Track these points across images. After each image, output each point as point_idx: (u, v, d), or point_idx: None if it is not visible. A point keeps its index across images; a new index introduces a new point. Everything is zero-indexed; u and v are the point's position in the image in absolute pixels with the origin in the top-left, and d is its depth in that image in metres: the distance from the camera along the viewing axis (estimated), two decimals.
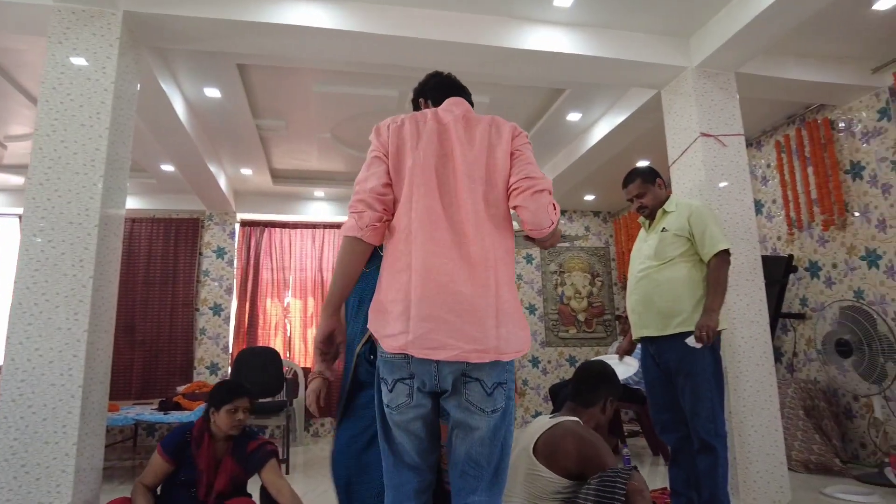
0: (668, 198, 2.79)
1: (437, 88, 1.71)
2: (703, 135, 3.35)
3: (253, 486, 2.54)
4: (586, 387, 2.07)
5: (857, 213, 3.95)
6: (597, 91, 4.21)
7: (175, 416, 4.01)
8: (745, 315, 3.16)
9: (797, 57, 3.70)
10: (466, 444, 1.38)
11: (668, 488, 2.79)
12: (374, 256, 1.61)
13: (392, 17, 3.11)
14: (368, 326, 1.44)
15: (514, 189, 1.45)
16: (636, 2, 3.15)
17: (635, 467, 1.74)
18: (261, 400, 4.43)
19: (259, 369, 4.82)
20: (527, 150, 1.52)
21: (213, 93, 4.01)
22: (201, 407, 4.13)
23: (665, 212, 2.74)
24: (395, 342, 1.35)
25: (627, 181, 2.83)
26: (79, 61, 2.71)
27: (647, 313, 2.68)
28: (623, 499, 1.64)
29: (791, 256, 4.22)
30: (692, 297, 2.58)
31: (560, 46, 3.30)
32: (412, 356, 1.34)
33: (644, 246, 2.79)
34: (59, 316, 2.46)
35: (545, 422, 1.95)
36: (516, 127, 1.56)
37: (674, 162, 3.53)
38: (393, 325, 1.36)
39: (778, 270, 4.20)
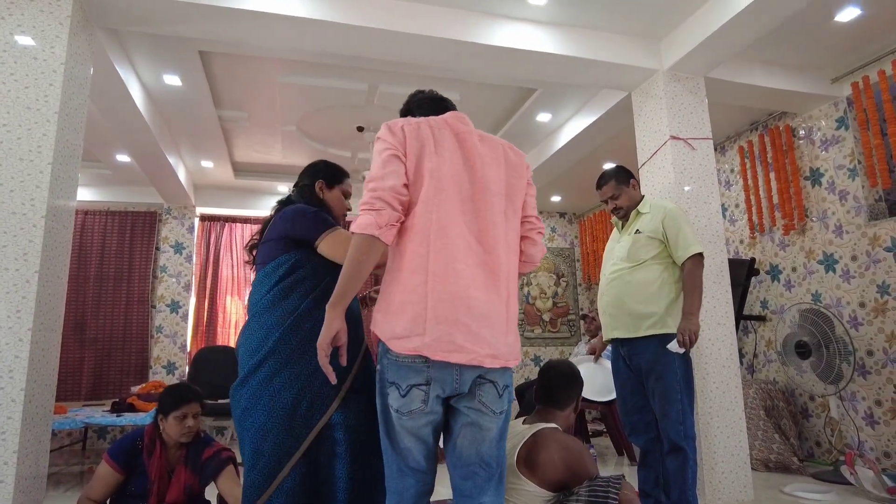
0: (641, 199, 2.79)
1: (426, 103, 1.67)
2: (673, 138, 3.38)
3: (211, 495, 2.41)
4: (559, 389, 2.01)
5: (815, 219, 4.06)
6: (567, 92, 4.20)
7: (128, 419, 3.81)
8: (711, 317, 3.20)
9: (762, 64, 3.77)
10: (477, 445, 1.38)
11: (637, 489, 2.80)
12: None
13: (364, 7, 3.02)
14: (374, 328, 1.38)
15: (526, 222, 1.56)
16: (610, 3, 3.15)
17: (623, 476, 1.71)
18: (220, 401, 4.26)
19: (219, 369, 4.64)
20: (533, 185, 1.61)
21: (172, 80, 3.82)
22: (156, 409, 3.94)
23: (639, 213, 2.74)
24: (408, 344, 1.33)
25: (601, 182, 2.81)
26: (24, 40, 2.52)
27: (618, 315, 2.67)
28: None
29: (753, 259, 4.31)
30: (664, 300, 2.58)
31: (533, 44, 3.27)
32: (431, 360, 1.33)
33: (617, 247, 2.77)
34: None
35: (522, 429, 1.87)
36: (524, 155, 1.63)
37: (643, 164, 3.55)
38: (405, 327, 1.33)
39: (740, 273, 4.28)
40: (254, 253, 1.87)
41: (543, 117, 4.56)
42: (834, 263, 3.91)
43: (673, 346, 2.45)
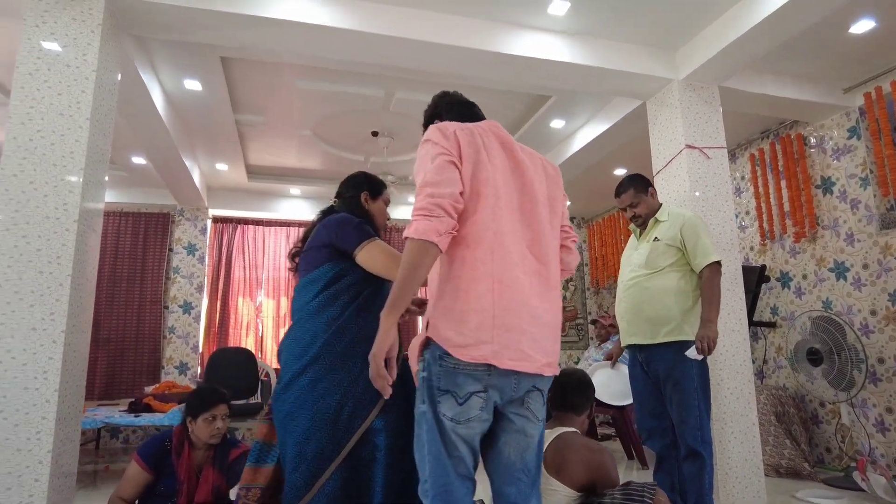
0: (660, 207, 2.84)
1: (454, 108, 1.66)
2: (689, 146, 3.42)
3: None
4: (575, 395, 2.07)
5: (826, 227, 4.10)
6: (581, 99, 4.25)
7: (147, 419, 3.86)
8: (725, 324, 3.24)
9: (774, 74, 3.82)
10: (522, 452, 1.41)
11: None
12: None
13: (386, 16, 3.07)
14: (432, 335, 1.36)
15: (562, 231, 1.59)
16: (627, 13, 3.19)
17: (656, 484, 1.76)
18: (234, 402, 4.30)
19: (233, 371, 4.69)
20: (566, 196, 1.65)
21: (193, 85, 3.88)
22: (175, 409, 3.99)
23: (657, 221, 2.78)
24: (475, 352, 1.32)
25: (620, 190, 2.86)
26: (57, 47, 2.57)
27: (636, 321, 2.71)
28: None
29: (764, 266, 4.35)
30: (682, 307, 2.62)
31: (552, 54, 3.32)
32: (494, 367, 1.33)
33: (635, 254, 2.82)
34: (33, 316, 2.32)
35: (545, 434, 1.95)
36: (559, 174, 1.65)
37: (658, 172, 3.59)
38: (470, 335, 1.33)
39: (751, 280, 4.32)
40: (296, 260, 1.92)
41: (557, 124, 4.61)
42: (845, 271, 3.95)
43: (692, 352, 2.50)
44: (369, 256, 1.73)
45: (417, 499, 1.43)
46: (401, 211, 6.61)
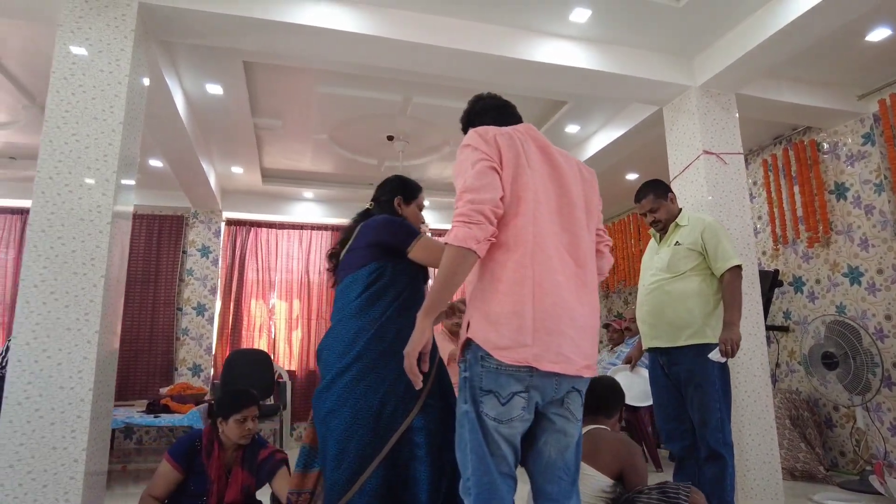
0: (679, 212, 2.88)
1: (490, 112, 1.68)
2: (706, 152, 3.46)
3: (259, 494, 2.49)
4: (606, 399, 2.16)
5: (840, 232, 4.14)
6: (597, 105, 4.30)
7: (167, 420, 3.89)
8: (742, 327, 3.22)
9: (790, 81, 3.86)
10: (562, 451, 1.44)
11: None
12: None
13: (411, 22, 3.11)
14: (473, 336, 1.38)
15: (597, 234, 1.61)
16: (646, 21, 3.24)
17: (691, 484, 1.81)
18: None
19: (250, 372, 4.72)
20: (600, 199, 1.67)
21: (215, 89, 3.93)
22: (194, 410, 4.02)
23: (678, 225, 2.82)
24: (516, 354, 1.35)
25: (640, 196, 2.90)
26: (92, 52, 2.62)
27: (658, 324, 2.74)
28: None
29: (777, 271, 4.38)
30: (703, 310, 2.66)
31: (572, 60, 3.36)
32: (536, 369, 1.36)
33: (656, 258, 2.85)
34: (68, 316, 2.37)
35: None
36: (595, 179, 1.67)
37: (675, 177, 3.63)
38: (511, 338, 1.36)
39: (763, 284, 4.35)
40: (333, 260, 1.96)
41: (571, 129, 4.65)
42: (859, 276, 3.98)
43: (714, 355, 2.53)
44: (425, 250, 1.79)
45: (457, 497, 1.47)
46: None
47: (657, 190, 2.87)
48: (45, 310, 2.35)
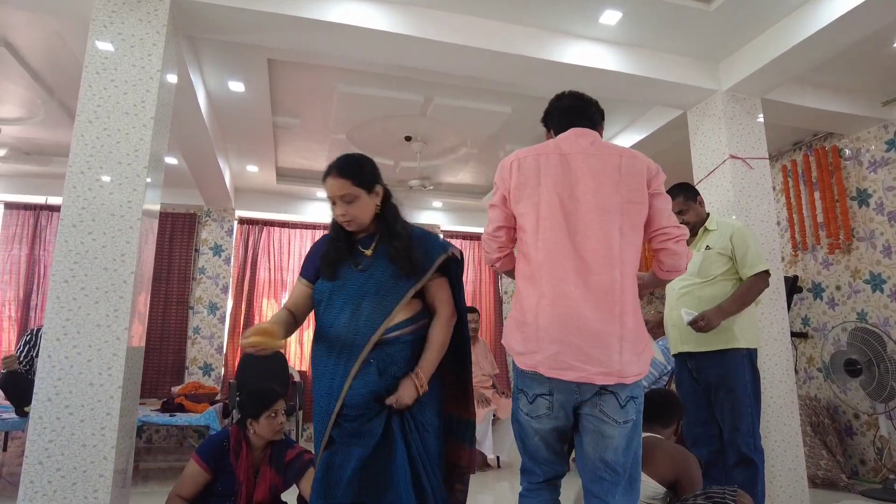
0: (707, 216, 2.86)
1: (560, 116, 1.76)
2: (733, 157, 3.45)
3: (286, 495, 2.46)
4: (661, 410, 2.17)
5: (862, 238, 4.12)
6: (620, 108, 4.28)
7: (184, 419, 3.87)
8: (768, 333, 3.25)
9: (814, 87, 3.85)
10: (601, 452, 1.49)
11: None
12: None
13: (440, 21, 3.10)
14: (503, 342, 1.63)
15: (657, 234, 1.61)
16: (675, 25, 3.22)
17: (737, 487, 1.79)
18: None
19: (265, 372, 4.69)
20: (666, 194, 1.65)
21: (237, 87, 3.91)
22: (210, 410, 4.00)
23: (706, 230, 2.80)
24: (528, 360, 1.52)
25: (670, 197, 2.88)
26: (124, 47, 2.60)
27: (687, 329, 2.72)
28: None
29: (796, 277, 4.37)
30: (735, 315, 2.64)
31: (599, 62, 3.35)
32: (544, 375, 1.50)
33: None
34: (98, 312, 2.34)
35: None
36: (651, 162, 1.65)
37: (700, 181, 3.62)
38: (523, 345, 1.53)
39: None
40: None
41: None
42: (882, 283, 3.96)
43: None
44: None
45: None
46: (425, 216, 6.64)
47: (687, 192, 2.85)
48: (75, 305, 2.33)
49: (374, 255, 1.75)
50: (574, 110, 1.74)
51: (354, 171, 1.73)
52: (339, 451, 1.62)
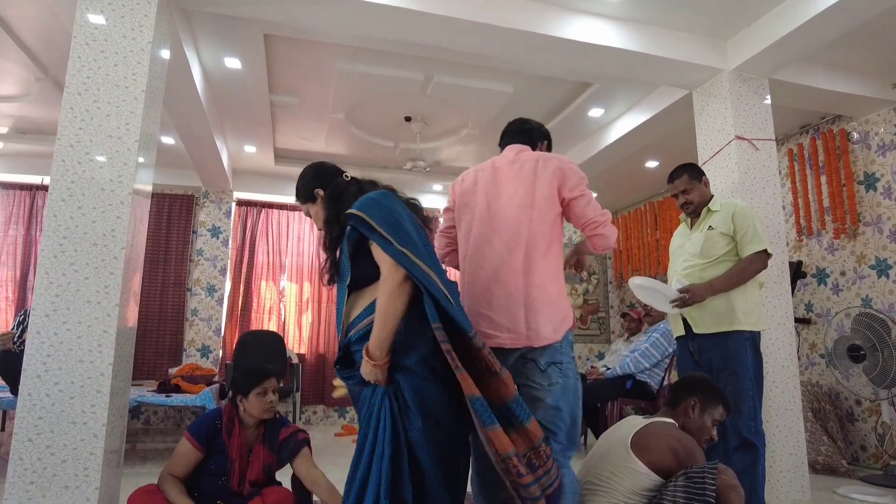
0: (711, 198, 2.80)
1: (504, 137, 2.11)
2: (738, 138, 3.37)
3: (280, 475, 2.43)
4: (675, 391, 2.12)
5: (868, 223, 4.05)
6: (623, 88, 4.20)
7: (179, 400, 3.84)
8: (772, 317, 3.20)
9: (824, 67, 3.76)
10: (538, 414, 1.66)
11: None
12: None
13: None
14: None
15: (586, 227, 1.87)
16: (681, 1, 3.14)
17: (718, 462, 1.73)
18: None
19: (263, 353, 4.66)
20: (586, 190, 1.87)
21: (233, 63, 3.83)
22: (206, 391, 3.97)
23: (710, 210, 2.75)
24: None
25: (674, 176, 2.82)
26: (114, 17, 2.53)
27: (691, 311, 2.67)
28: (714, 495, 1.62)
29: (800, 262, 4.30)
30: (737, 296, 2.59)
31: (602, 39, 3.26)
32: None
33: (688, 244, 2.78)
34: (88, 288, 2.30)
35: (638, 421, 1.95)
36: (565, 162, 1.90)
37: (705, 163, 3.54)
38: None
39: None
40: None
41: (595, 112, 4.55)
42: (888, 269, 3.90)
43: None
44: None
45: None
46: (425, 199, 6.57)
47: (692, 171, 2.80)
48: (64, 281, 2.28)
49: (342, 257, 1.64)
50: (514, 131, 2.09)
51: (297, 189, 1.88)
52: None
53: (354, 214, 1.53)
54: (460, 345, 1.46)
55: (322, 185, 1.81)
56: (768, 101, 3.52)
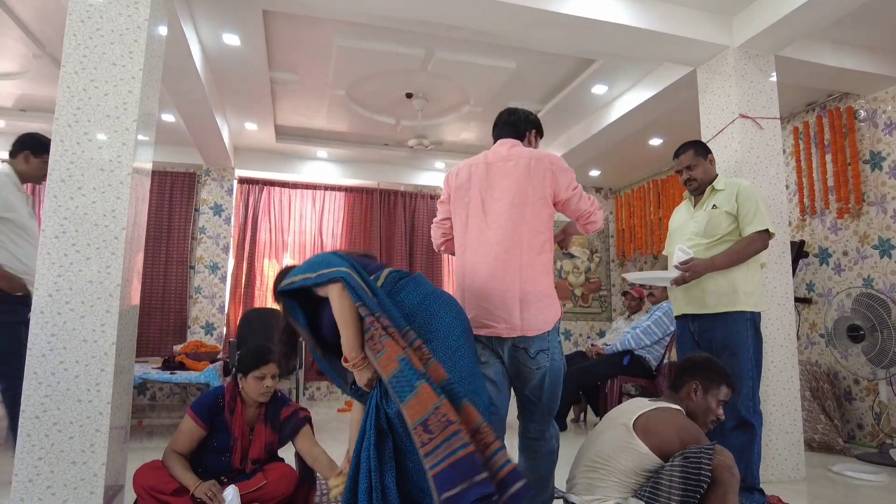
0: (716, 176, 2.78)
1: (495, 130, 2.20)
2: (742, 116, 3.33)
3: (283, 452, 2.47)
4: (676, 373, 2.12)
5: (872, 203, 4.02)
6: (627, 65, 4.14)
7: (184, 377, 3.89)
8: (771, 297, 3.21)
9: (833, 43, 3.69)
10: (521, 388, 1.96)
11: None
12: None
13: None
14: None
15: (578, 220, 2.08)
16: None
17: (715, 442, 1.74)
18: None
19: (266, 331, 4.69)
20: (577, 186, 2.00)
21: (232, 39, 3.78)
22: (210, 368, 4.02)
23: (714, 189, 2.73)
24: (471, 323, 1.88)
25: (680, 151, 2.80)
26: None
27: (692, 291, 2.68)
28: (709, 475, 1.64)
29: (802, 242, 4.29)
30: (740, 276, 2.60)
31: (605, 14, 3.21)
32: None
33: (691, 222, 2.77)
34: (90, 268, 2.31)
35: (644, 403, 1.97)
36: (556, 161, 1.99)
37: (708, 141, 3.51)
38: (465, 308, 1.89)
39: None
40: None
41: (599, 89, 4.50)
42: (890, 249, 3.89)
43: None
44: None
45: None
46: (427, 177, 6.54)
47: (698, 148, 2.78)
48: (66, 261, 2.29)
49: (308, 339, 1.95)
50: (503, 123, 2.18)
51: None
52: None
53: (280, 292, 1.82)
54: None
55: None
56: (774, 79, 3.47)
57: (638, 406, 1.94)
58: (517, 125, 2.17)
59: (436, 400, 1.46)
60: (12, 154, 2.82)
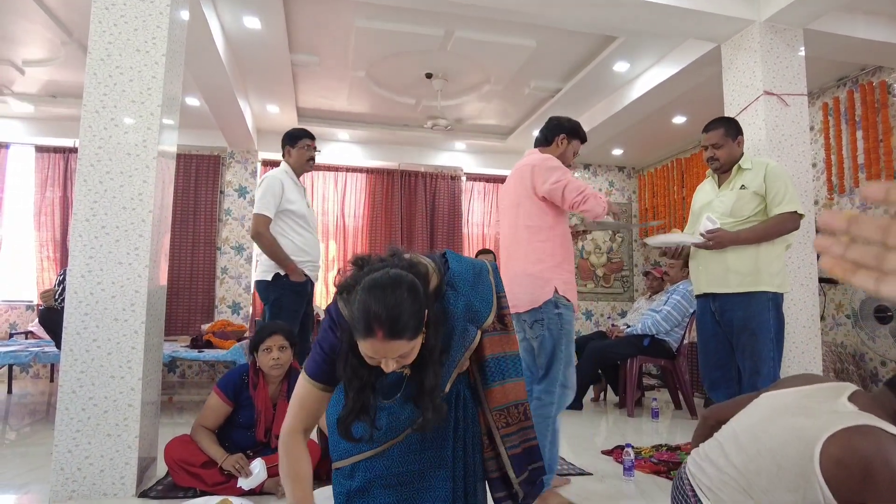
0: (741, 156, 2.73)
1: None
2: (767, 93, 3.25)
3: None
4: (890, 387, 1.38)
5: None
6: (649, 42, 4.06)
7: (211, 355, 4.02)
8: (795, 277, 3.17)
9: (865, 15, 3.56)
10: (528, 352, 2.30)
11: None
12: None
13: None
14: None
15: (573, 207, 2.26)
16: None
17: None
18: None
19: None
20: (559, 179, 2.23)
21: (252, 23, 3.82)
22: (237, 346, 4.14)
23: (741, 168, 2.69)
24: None
25: (710, 127, 2.75)
26: None
27: (716, 270, 2.66)
28: None
29: None
30: (765, 257, 2.57)
31: None
32: None
33: (716, 202, 2.73)
34: (119, 250, 2.40)
35: (845, 409, 1.29)
36: (535, 162, 2.30)
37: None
38: None
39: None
40: None
41: (621, 67, 4.43)
42: None
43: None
44: None
45: None
46: (447, 157, 6.54)
47: (729, 127, 2.72)
48: (97, 244, 2.38)
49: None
50: (539, 132, 2.52)
51: (405, 325, 1.19)
52: None
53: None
54: None
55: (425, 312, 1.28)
56: (802, 53, 3.37)
57: (833, 415, 1.27)
58: (547, 133, 2.47)
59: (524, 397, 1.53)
60: (283, 150, 3.23)
